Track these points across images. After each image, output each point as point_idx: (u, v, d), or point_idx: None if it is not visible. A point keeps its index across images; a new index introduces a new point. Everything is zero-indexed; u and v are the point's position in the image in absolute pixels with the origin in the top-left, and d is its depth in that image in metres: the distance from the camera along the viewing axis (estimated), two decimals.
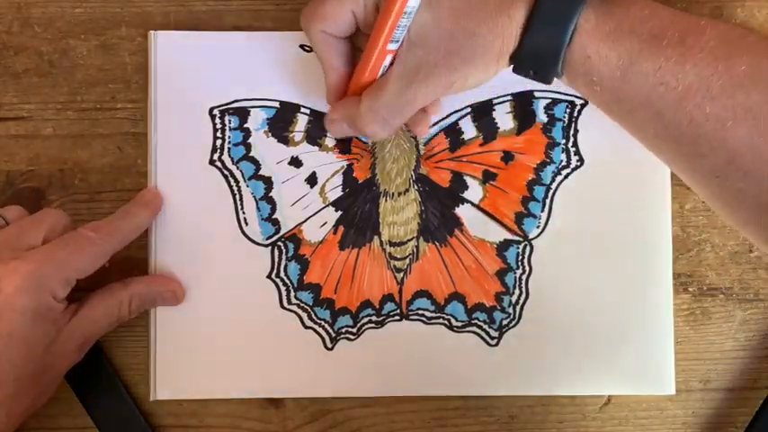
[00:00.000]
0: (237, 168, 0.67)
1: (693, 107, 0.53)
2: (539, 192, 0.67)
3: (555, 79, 0.58)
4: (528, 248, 0.67)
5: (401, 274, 0.67)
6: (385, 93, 0.59)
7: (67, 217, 0.64)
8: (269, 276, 0.67)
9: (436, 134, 0.68)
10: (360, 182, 0.68)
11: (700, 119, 0.53)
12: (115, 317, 0.63)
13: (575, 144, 0.67)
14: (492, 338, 0.67)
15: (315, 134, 0.67)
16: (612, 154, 0.67)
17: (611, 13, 0.56)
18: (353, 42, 0.63)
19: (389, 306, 0.67)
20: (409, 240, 0.67)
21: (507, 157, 0.68)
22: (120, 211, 0.65)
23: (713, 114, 0.53)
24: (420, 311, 0.67)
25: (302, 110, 0.67)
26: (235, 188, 0.67)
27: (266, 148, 0.67)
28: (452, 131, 0.67)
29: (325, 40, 0.61)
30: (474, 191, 0.67)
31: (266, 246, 0.67)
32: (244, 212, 0.67)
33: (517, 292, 0.67)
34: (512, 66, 0.59)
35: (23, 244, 0.60)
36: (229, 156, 0.67)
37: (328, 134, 0.67)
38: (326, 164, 0.67)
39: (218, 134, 0.67)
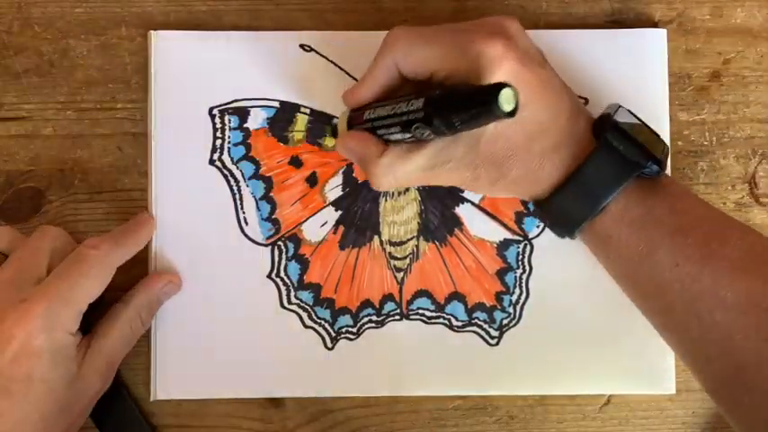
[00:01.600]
0: (237, 168, 0.67)
1: (705, 311, 0.53)
2: None
3: None
4: (528, 248, 0.67)
5: (401, 274, 0.67)
6: (409, 162, 0.58)
7: (65, 233, 0.64)
8: (269, 276, 0.67)
9: None
10: (360, 181, 0.67)
11: (709, 323, 0.53)
12: (129, 336, 0.64)
13: None
14: (492, 338, 0.67)
15: (315, 134, 0.67)
16: None
17: (644, 200, 0.55)
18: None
19: (390, 306, 0.67)
20: (409, 240, 0.67)
21: None
22: (118, 229, 0.65)
23: (724, 324, 0.52)
24: (420, 311, 0.67)
25: (302, 109, 0.67)
26: (235, 188, 0.67)
27: (266, 148, 0.67)
28: None
29: (388, 65, 0.59)
30: None
31: (266, 245, 0.67)
32: (244, 212, 0.67)
33: (517, 291, 0.67)
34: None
35: (29, 279, 0.60)
36: (229, 155, 0.67)
37: (327, 133, 0.67)
38: (327, 163, 0.67)
39: (218, 134, 0.67)
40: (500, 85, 0.49)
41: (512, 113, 0.49)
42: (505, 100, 0.49)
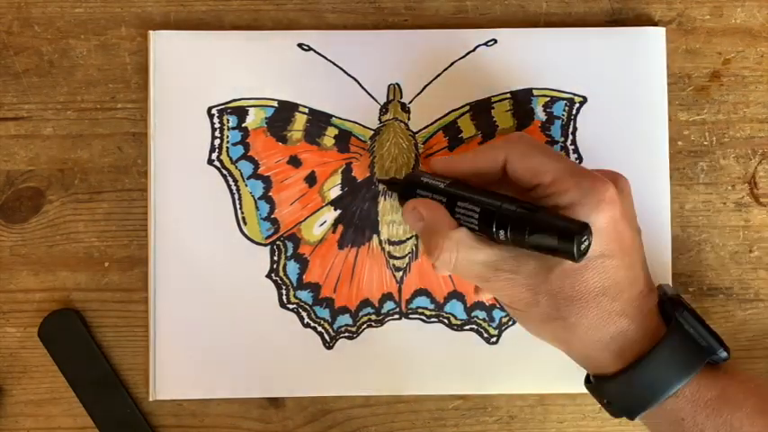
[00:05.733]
0: (236, 168, 0.67)
1: None
2: None
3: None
4: None
5: (400, 273, 0.67)
6: (478, 250, 0.55)
7: None
8: (268, 276, 0.67)
9: (435, 133, 0.68)
10: (359, 180, 0.68)
11: None
12: None
13: (573, 142, 0.67)
14: (491, 336, 0.67)
15: (313, 133, 0.67)
16: (612, 152, 0.67)
17: (715, 381, 0.55)
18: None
19: (389, 305, 0.67)
20: (408, 239, 0.67)
21: None
22: None
23: None
24: (419, 310, 0.67)
25: (300, 109, 0.67)
26: (234, 187, 0.67)
27: (265, 148, 0.67)
28: (451, 130, 0.67)
29: (498, 157, 0.58)
30: None
31: (265, 245, 0.67)
32: (243, 212, 0.67)
33: None
34: (585, 377, 0.59)
35: None
36: (228, 155, 0.67)
37: (326, 133, 0.67)
38: (325, 162, 0.68)
39: (217, 134, 0.67)
40: (585, 227, 0.50)
41: (580, 256, 0.50)
42: (584, 241, 0.50)
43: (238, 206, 0.67)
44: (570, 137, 0.67)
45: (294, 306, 0.67)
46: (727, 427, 0.54)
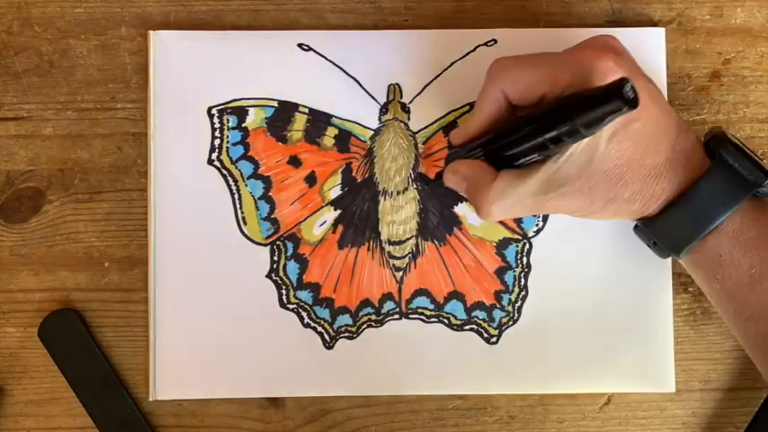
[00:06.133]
0: (236, 168, 0.67)
1: None
2: None
3: None
4: (527, 246, 0.67)
5: (400, 273, 0.67)
6: (522, 186, 0.57)
7: None
8: (268, 276, 0.67)
9: (435, 133, 0.68)
10: (359, 181, 0.68)
11: None
12: None
13: None
14: (491, 337, 0.67)
15: (314, 133, 0.67)
16: None
17: (758, 219, 0.55)
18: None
19: (389, 305, 0.67)
20: (408, 239, 0.67)
21: None
22: None
23: None
24: (419, 310, 0.67)
25: (300, 109, 0.67)
26: (234, 187, 0.67)
27: (265, 148, 0.67)
28: (451, 130, 0.67)
29: (497, 96, 0.59)
30: None
31: (265, 245, 0.67)
32: (242, 212, 0.67)
33: (516, 290, 0.67)
34: (634, 225, 0.60)
35: None
36: (228, 155, 0.67)
37: (326, 133, 0.67)
38: (325, 163, 0.68)
39: (217, 134, 0.67)
40: (621, 80, 0.49)
41: (635, 102, 0.49)
42: (629, 89, 0.49)
43: (238, 206, 0.67)
44: None
45: (294, 306, 0.67)
46: (762, 264, 0.55)
